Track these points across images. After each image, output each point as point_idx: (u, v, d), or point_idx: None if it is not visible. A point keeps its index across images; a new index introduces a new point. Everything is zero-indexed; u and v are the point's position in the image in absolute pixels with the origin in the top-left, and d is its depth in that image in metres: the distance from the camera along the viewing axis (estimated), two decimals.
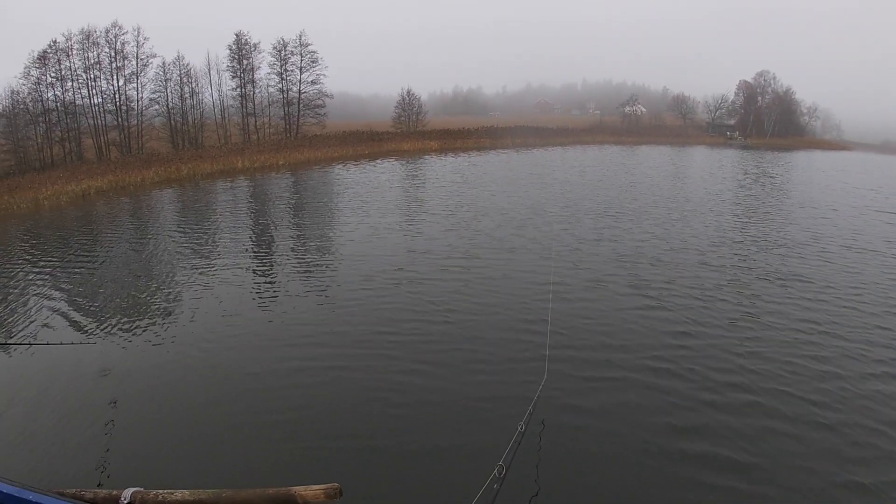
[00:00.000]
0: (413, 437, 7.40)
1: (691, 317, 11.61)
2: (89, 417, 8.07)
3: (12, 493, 1.92)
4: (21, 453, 7.30)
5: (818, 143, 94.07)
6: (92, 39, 46.46)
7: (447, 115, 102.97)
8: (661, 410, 8.07)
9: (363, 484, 6.42)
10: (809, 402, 8.31)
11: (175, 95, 52.96)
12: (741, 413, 8.02)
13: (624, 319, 11.44)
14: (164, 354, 10.16)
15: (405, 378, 8.95)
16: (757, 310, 12.13)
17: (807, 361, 9.61)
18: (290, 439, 7.40)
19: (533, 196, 27.79)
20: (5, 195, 30.19)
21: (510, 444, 4.84)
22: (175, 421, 7.95)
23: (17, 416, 8.23)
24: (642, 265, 15.31)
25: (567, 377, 8.84)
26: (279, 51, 59.49)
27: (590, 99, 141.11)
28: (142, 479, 2.39)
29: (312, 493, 2.12)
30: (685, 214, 23.36)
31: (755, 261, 16.12)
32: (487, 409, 8.04)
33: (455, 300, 12.48)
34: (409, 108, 72.79)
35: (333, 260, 16.39)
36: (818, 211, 25.44)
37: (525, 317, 11.39)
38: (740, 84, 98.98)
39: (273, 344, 10.46)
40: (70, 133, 45.59)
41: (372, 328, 10.97)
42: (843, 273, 15.10)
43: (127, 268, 16.40)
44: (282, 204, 28.54)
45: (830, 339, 10.57)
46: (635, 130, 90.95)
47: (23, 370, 9.73)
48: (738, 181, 37.50)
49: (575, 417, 7.86)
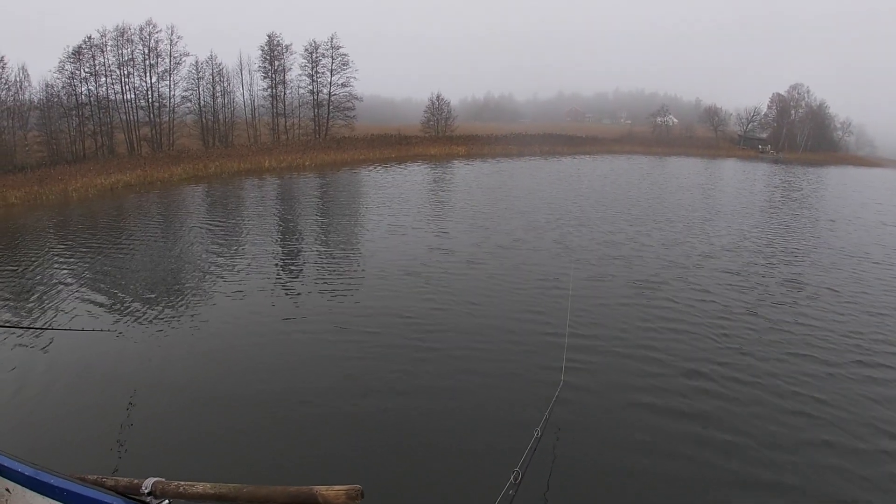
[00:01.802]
0: (430, 440, 7.36)
1: (716, 328, 11.26)
2: (110, 404, 8.14)
3: (36, 477, 1.98)
4: (41, 437, 7.34)
5: (851, 158, 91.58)
6: (126, 36, 47.56)
7: (477, 122, 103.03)
8: (682, 420, 7.82)
9: (379, 484, 6.33)
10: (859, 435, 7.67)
11: (207, 94, 53.79)
12: (766, 425, 7.72)
13: (644, 328, 11.21)
14: (186, 346, 10.33)
15: (422, 380, 8.92)
16: (791, 326, 11.58)
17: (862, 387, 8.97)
18: (307, 435, 7.44)
19: (556, 203, 27.37)
20: (35, 185, 30.80)
21: (526, 449, 4.75)
22: (195, 413, 7.95)
23: (40, 400, 8.29)
24: (666, 276, 14.87)
25: (584, 383, 8.70)
26: (310, 53, 60.03)
27: (621, 108, 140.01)
28: (161, 470, 2.33)
29: (334, 494, 2.04)
30: (713, 228, 22.57)
31: (795, 280, 15.23)
32: (504, 413, 7.97)
33: (473, 304, 12.38)
34: (437, 112, 72.59)
35: (354, 260, 16.33)
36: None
37: (543, 321, 11.30)
38: (773, 97, 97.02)
39: (294, 342, 10.50)
40: (102, 127, 46.53)
41: (392, 329, 10.94)
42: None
43: (151, 259, 16.60)
44: (305, 203, 28.70)
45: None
46: (665, 141, 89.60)
47: (45, 355, 9.83)
48: (788, 204, 36.42)
49: (591, 424, 7.74)
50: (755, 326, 11.41)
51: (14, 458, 2.06)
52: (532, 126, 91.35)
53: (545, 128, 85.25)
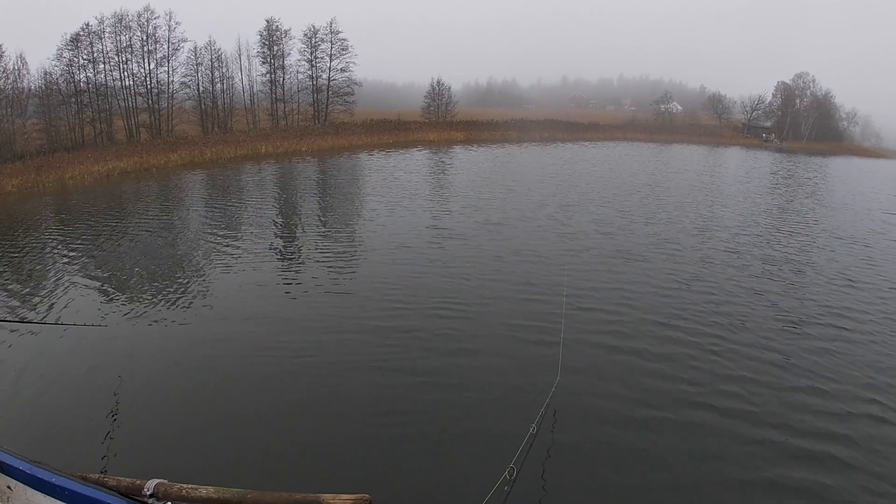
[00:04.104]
0: (425, 434, 7.38)
1: (711, 322, 11.26)
2: (110, 403, 8.10)
3: (37, 475, 2.00)
4: (39, 435, 7.30)
5: (856, 149, 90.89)
6: (124, 23, 47.54)
7: (481, 107, 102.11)
8: (678, 421, 7.84)
9: (374, 478, 6.40)
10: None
11: (206, 80, 53.80)
12: (764, 430, 7.67)
13: (640, 323, 11.17)
14: (188, 345, 10.13)
15: (417, 376, 8.86)
16: (795, 338, 10.99)
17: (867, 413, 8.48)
18: (308, 435, 7.38)
19: (547, 191, 27.26)
20: (32, 174, 31.09)
21: (521, 445, 4.84)
22: (197, 414, 7.91)
23: (38, 397, 8.25)
24: (663, 270, 14.77)
25: (580, 381, 8.66)
26: (309, 38, 59.88)
27: (626, 95, 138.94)
28: (162, 471, 2.36)
29: (341, 502, 2.05)
30: (713, 219, 22.34)
31: (807, 298, 13.66)
32: (500, 409, 7.96)
33: (468, 300, 12.19)
34: (438, 98, 72.27)
35: (350, 256, 16.02)
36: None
37: (540, 318, 11.13)
38: (778, 85, 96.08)
39: (295, 339, 10.27)
40: (101, 114, 46.69)
41: (389, 327, 10.76)
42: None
43: (148, 249, 16.61)
44: (298, 188, 28.90)
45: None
46: (668, 128, 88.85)
47: (46, 351, 9.73)
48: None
49: (586, 421, 7.74)
50: (755, 330, 11.14)
51: (16, 456, 2.10)
52: (535, 112, 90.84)
53: (547, 114, 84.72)
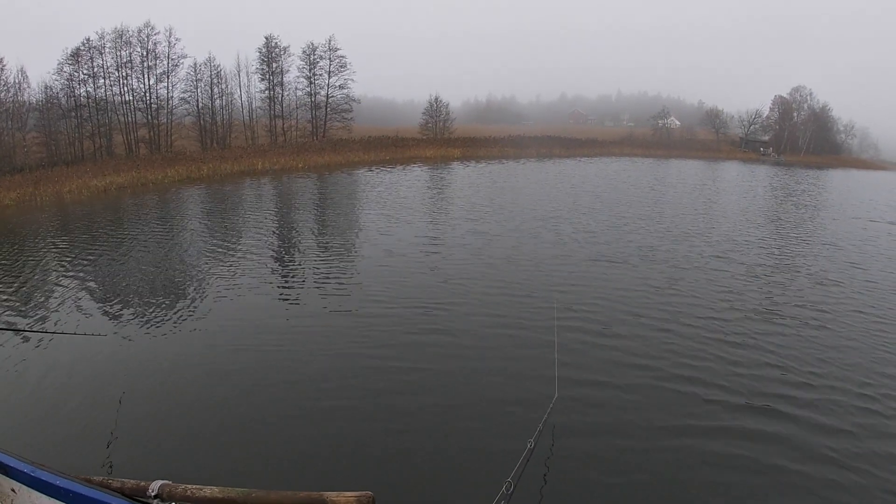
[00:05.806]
0: (422, 448, 7.31)
1: (708, 336, 11.07)
2: (113, 408, 8.12)
3: (41, 477, 2.01)
4: (44, 438, 7.35)
5: (854, 161, 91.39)
6: (125, 39, 48.26)
7: (480, 124, 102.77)
8: (678, 436, 7.68)
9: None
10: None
11: (205, 96, 54.43)
12: (764, 440, 7.56)
13: (639, 338, 10.99)
14: (189, 348, 10.24)
15: (415, 389, 8.74)
16: (790, 352, 10.71)
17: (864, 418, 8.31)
18: (308, 436, 7.41)
19: (543, 206, 27.36)
20: (31, 187, 31.39)
21: (519, 460, 4.75)
22: (200, 416, 7.96)
23: (42, 402, 8.32)
24: (660, 284, 14.54)
25: (579, 395, 8.51)
26: (308, 55, 60.64)
27: (624, 110, 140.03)
28: (167, 474, 2.38)
29: (345, 500, 2.06)
30: (706, 233, 22.21)
31: (805, 307, 13.39)
32: (497, 423, 7.82)
33: (466, 314, 12.06)
34: (436, 114, 72.96)
35: (349, 267, 15.91)
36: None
37: (537, 333, 10.95)
38: (775, 99, 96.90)
39: (296, 346, 10.27)
40: (101, 129, 47.18)
41: (386, 337, 10.68)
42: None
43: (145, 260, 16.75)
44: (294, 204, 29.03)
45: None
46: (666, 143, 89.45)
47: (47, 358, 9.77)
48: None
49: (585, 437, 7.60)
50: (763, 346, 10.85)
51: (19, 459, 2.11)
52: (533, 128, 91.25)
53: (547, 130, 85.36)
